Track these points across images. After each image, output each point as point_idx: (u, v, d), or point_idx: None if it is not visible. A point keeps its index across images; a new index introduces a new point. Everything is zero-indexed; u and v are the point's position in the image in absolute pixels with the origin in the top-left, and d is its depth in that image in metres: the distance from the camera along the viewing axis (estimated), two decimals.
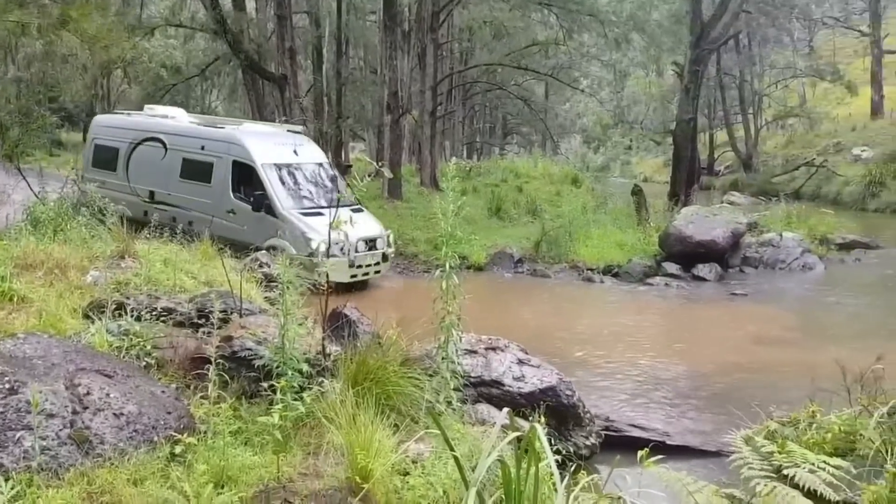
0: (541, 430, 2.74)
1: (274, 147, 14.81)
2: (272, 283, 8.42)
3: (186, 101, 44.80)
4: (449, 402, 5.21)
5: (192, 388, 4.98)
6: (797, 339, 10.57)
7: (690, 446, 6.63)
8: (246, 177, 14.14)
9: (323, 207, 13.79)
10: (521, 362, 6.12)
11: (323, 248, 12.20)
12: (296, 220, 13.47)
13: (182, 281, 7.82)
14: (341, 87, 32.69)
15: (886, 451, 5.02)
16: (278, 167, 14.25)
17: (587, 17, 26.68)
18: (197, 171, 14.69)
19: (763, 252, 15.60)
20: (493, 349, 6.22)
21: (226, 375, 4.78)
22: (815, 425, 6.01)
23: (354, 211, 14.44)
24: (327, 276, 5.54)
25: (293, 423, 4.56)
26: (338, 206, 7.47)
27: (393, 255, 14.74)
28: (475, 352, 6.14)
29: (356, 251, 13.52)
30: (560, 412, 5.86)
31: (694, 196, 22.04)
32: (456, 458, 2.83)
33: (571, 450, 5.56)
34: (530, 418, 5.27)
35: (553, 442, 5.20)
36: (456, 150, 41.68)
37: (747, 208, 22.00)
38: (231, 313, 5.94)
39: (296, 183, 14.43)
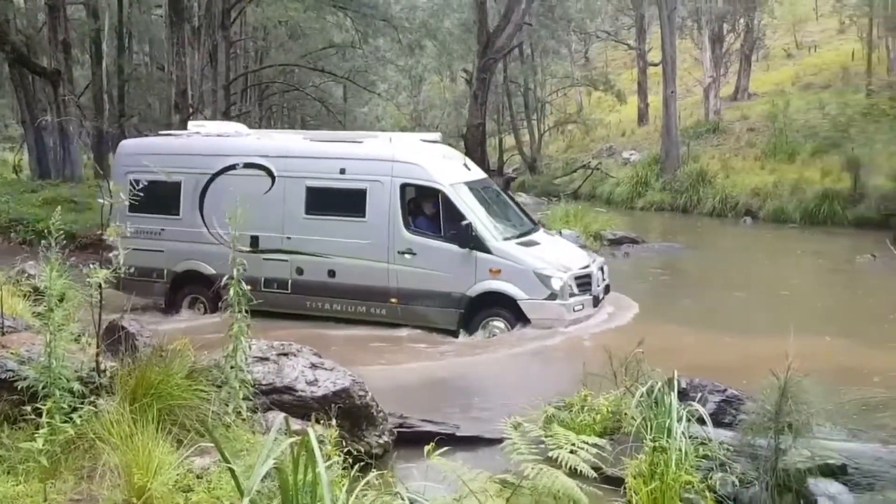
0: (314, 435, 2.79)
1: (448, 162, 11.50)
2: (42, 297, 7.75)
3: None
4: (238, 413, 5.12)
5: None
6: (573, 329, 11.34)
7: (480, 436, 6.95)
8: (420, 204, 10.90)
9: (527, 233, 11.19)
10: (314, 366, 6.13)
11: (566, 287, 10.11)
12: (521, 253, 10.40)
13: None
14: (124, 84, 30.76)
15: (646, 427, 5.59)
16: (466, 188, 10.92)
17: (381, 21, 27.14)
18: (337, 202, 10.94)
19: None
20: (286, 355, 6.17)
21: None
22: (586, 408, 6.58)
23: (549, 233, 12.10)
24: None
25: (63, 446, 4.26)
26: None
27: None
28: (267, 358, 6.06)
29: (597, 284, 10.83)
30: (353, 413, 5.93)
31: None
32: (231, 470, 2.81)
33: (363, 449, 5.66)
34: (322, 422, 5.30)
35: (345, 443, 5.27)
36: None
37: (532, 207, 23.39)
38: None
39: (488, 206, 11.16)
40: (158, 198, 11.58)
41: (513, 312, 10.22)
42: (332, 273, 10.80)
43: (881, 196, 21.68)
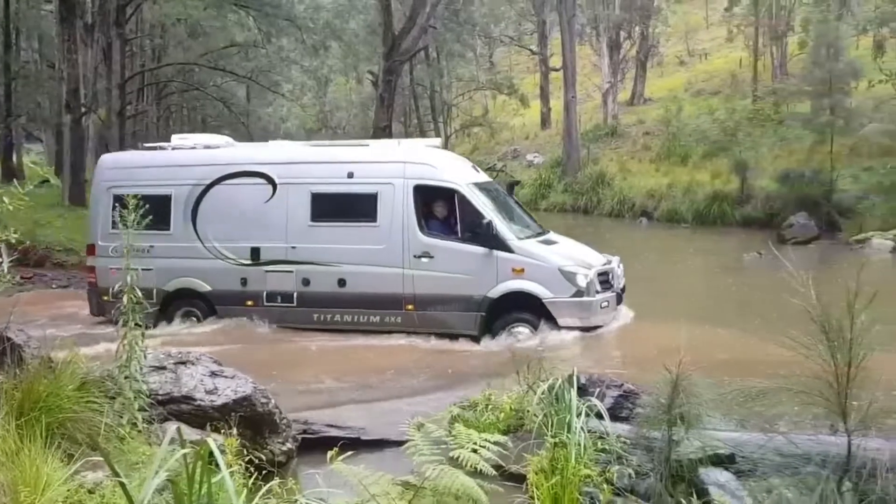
0: (213, 444, 2.74)
1: (460, 164, 11.37)
2: None
3: None
4: (133, 424, 4.96)
5: None
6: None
7: (386, 439, 6.95)
8: (432, 206, 10.47)
9: (542, 233, 10.89)
10: (213, 374, 5.98)
11: (592, 284, 9.75)
12: (544, 251, 10.10)
13: None
14: (11, 82, 29.16)
15: (547, 424, 5.73)
16: (479, 188, 10.54)
17: (284, 21, 26.74)
18: (345, 208, 10.48)
19: None
20: (184, 363, 6.00)
21: None
22: (490, 407, 6.68)
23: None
24: None
25: None
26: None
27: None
28: (163, 367, 5.88)
29: (618, 281, 10.51)
30: (255, 421, 5.83)
31: None
32: (121, 484, 2.73)
33: (266, 457, 5.57)
34: (223, 431, 5.19)
35: (247, 451, 5.17)
36: None
37: None
38: None
39: (500, 206, 10.72)
40: (145, 213, 11.01)
41: (536, 313, 9.91)
42: (342, 282, 10.39)
43: (766, 196, 22.97)
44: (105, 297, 11.04)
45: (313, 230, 10.53)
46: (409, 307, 10.21)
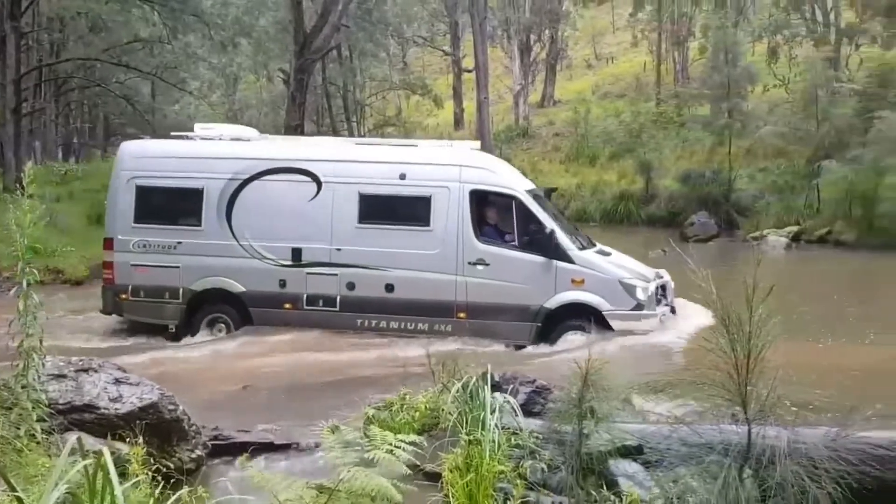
0: (108, 455, 2.64)
1: (512, 169, 11.25)
2: None
3: None
4: (32, 435, 4.72)
5: None
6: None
7: (297, 443, 6.84)
8: (485, 212, 10.23)
9: (593, 243, 10.69)
10: (118, 381, 5.77)
11: (652, 297, 9.59)
12: (604, 263, 9.97)
13: None
14: None
15: (462, 422, 5.77)
16: (533, 196, 10.33)
17: (191, 17, 25.99)
18: (396, 210, 10.14)
19: None
20: (86, 370, 5.76)
21: None
22: (405, 407, 6.69)
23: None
24: None
25: None
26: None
27: None
28: (64, 376, 5.63)
29: (671, 294, 10.38)
30: (163, 429, 5.65)
31: None
32: (18, 499, 2.60)
33: (174, 465, 5.40)
34: (128, 439, 5.01)
35: (154, 460, 5.01)
36: (50, 151, 37.60)
37: None
38: None
39: (554, 215, 10.50)
40: (173, 207, 10.67)
41: (591, 326, 9.72)
42: (389, 287, 10.08)
43: (669, 196, 23.87)
44: (123, 296, 10.54)
45: (361, 232, 10.20)
46: (461, 315, 10.03)
